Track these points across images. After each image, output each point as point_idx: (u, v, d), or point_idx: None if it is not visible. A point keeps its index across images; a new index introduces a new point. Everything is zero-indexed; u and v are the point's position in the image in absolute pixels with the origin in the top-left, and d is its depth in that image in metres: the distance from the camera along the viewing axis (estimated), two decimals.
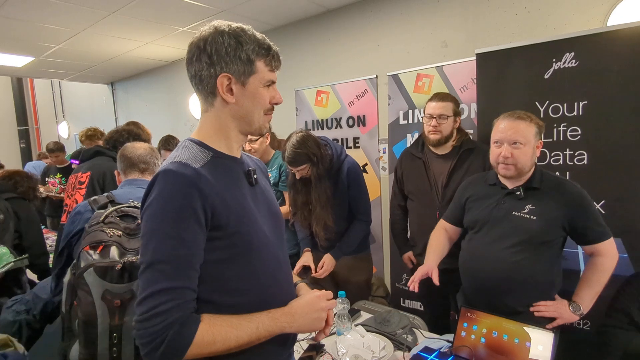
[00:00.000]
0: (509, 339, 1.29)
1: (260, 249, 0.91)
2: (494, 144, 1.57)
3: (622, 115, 1.77)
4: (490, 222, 1.58)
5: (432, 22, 3.09)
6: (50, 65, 5.21)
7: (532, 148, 1.51)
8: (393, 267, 2.80)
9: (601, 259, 1.48)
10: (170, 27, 3.91)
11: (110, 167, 2.31)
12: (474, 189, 1.70)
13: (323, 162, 1.99)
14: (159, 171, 0.83)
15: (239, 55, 0.87)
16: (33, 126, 8.35)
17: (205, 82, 0.88)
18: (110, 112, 6.82)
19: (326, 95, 3.11)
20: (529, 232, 1.48)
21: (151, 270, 0.78)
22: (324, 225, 2.04)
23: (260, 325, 0.86)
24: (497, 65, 2.10)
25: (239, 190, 0.91)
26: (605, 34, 1.81)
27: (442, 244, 1.77)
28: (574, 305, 1.48)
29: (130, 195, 1.40)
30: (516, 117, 1.54)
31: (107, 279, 1.10)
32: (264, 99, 0.92)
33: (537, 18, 2.60)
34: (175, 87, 5.51)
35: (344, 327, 1.55)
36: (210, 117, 0.92)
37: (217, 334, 0.81)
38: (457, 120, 2.03)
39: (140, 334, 0.77)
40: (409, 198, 2.21)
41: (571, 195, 1.48)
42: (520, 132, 1.50)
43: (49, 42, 4.22)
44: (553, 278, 1.53)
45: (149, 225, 0.80)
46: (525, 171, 1.53)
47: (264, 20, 3.86)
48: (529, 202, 1.51)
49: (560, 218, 1.47)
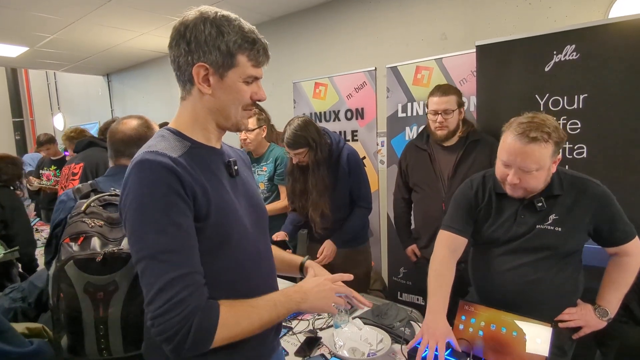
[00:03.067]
0: (507, 332, 1.28)
1: (241, 242, 0.89)
2: (501, 161, 1.33)
3: (622, 108, 1.76)
4: (512, 239, 1.40)
5: (431, 14, 3.06)
6: (45, 55, 5.14)
7: (547, 169, 1.30)
8: (390, 260, 2.80)
9: (627, 258, 1.37)
10: (166, 17, 3.85)
11: (104, 158, 2.29)
12: (481, 197, 1.47)
13: (322, 149, 1.99)
14: (133, 162, 0.79)
15: (218, 46, 0.82)
16: (28, 118, 8.25)
17: (183, 69, 0.85)
18: (106, 103, 6.76)
19: (324, 88, 3.08)
20: (554, 246, 1.35)
21: (155, 263, 0.75)
22: (321, 213, 2.03)
23: (278, 303, 0.86)
24: (497, 57, 2.07)
25: (218, 181, 0.88)
26: (607, 27, 1.79)
27: (448, 281, 1.40)
28: (600, 310, 1.36)
29: (114, 183, 1.33)
30: (530, 140, 1.23)
31: (88, 271, 1.07)
32: (243, 94, 0.87)
33: (538, 10, 2.58)
34: (171, 78, 5.32)
35: (342, 319, 1.54)
36: (187, 105, 0.89)
37: (240, 315, 0.80)
38: (461, 111, 2.01)
39: (160, 329, 0.73)
40: (413, 190, 2.20)
41: (596, 198, 1.34)
42: (533, 159, 1.26)
43: (44, 31, 4.15)
44: (577, 286, 1.42)
45: (138, 220, 0.76)
46: (537, 191, 1.36)
47: (262, 11, 3.82)
48: (552, 212, 1.35)
49: (586, 225, 1.34)
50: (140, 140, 1.33)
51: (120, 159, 1.43)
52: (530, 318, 1.28)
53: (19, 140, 7.95)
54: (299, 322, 1.66)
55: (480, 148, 1.97)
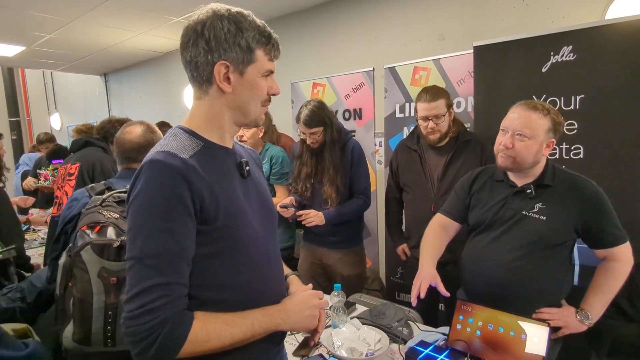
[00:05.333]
0: (504, 331, 1.29)
1: (249, 245, 0.88)
2: (501, 131, 1.45)
3: (618, 109, 1.77)
4: (497, 222, 1.46)
5: (429, 14, 3.07)
6: (42, 55, 5.12)
7: (540, 144, 1.37)
8: (388, 260, 2.80)
9: (615, 264, 1.38)
10: (164, 17, 3.84)
11: (100, 158, 2.27)
12: (479, 184, 1.57)
13: (335, 130, 2.11)
14: (144, 161, 0.80)
15: (239, 43, 0.83)
16: (25, 117, 8.22)
17: (202, 69, 0.84)
18: (104, 103, 6.73)
19: (322, 88, 3.08)
20: (537, 234, 1.37)
21: (140, 266, 0.75)
22: (336, 188, 2.08)
23: (255, 322, 0.84)
24: (494, 58, 2.08)
25: (229, 182, 0.88)
26: (604, 28, 1.80)
27: (438, 245, 1.59)
28: (582, 314, 1.37)
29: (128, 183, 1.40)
30: (531, 107, 1.38)
31: (104, 256, 1.12)
32: (262, 89, 0.89)
33: (535, 11, 2.59)
34: (169, 78, 5.44)
35: (340, 319, 1.54)
36: (203, 105, 0.88)
37: (212, 332, 0.79)
38: (451, 112, 2.01)
39: (130, 332, 0.74)
40: (404, 190, 2.21)
41: (586, 194, 1.36)
42: (528, 123, 1.36)
43: (41, 31, 4.13)
44: (560, 283, 1.43)
45: (136, 219, 0.77)
46: (525, 166, 1.41)
47: (260, 11, 3.81)
48: (539, 201, 1.40)
49: (572, 219, 1.36)
50: (149, 146, 1.41)
51: (132, 164, 1.51)
52: (527, 318, 1.29)
53: (16, 140, 7.92)
54: None
55: (471, 148, 1.97)
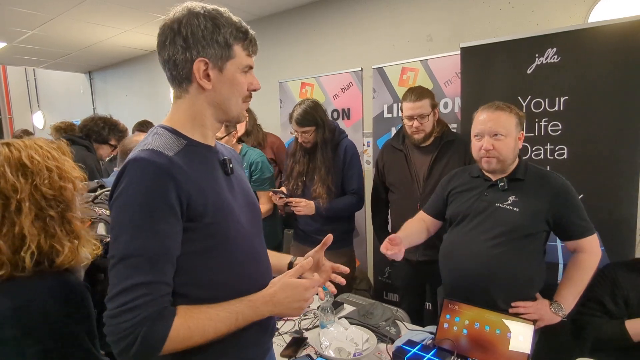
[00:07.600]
0: (490, 330, 1.30)
1: (237, 241, 0.88)
2: (475, 137, 1.53)
3: (602, 110, 1.80)
4: (472, 214, 1.54)
5: (417, 15, 3.09)
6: (24, 51, 5.00)
7: (514, 139, 1.49)
8: (376, 260, 2.81)
9: (584, 255, 1.46)
10: (150, 14, 3.79)
11: (83, 157, 2.23)
12: (457, 182, 1.67)
13: (328, 130, 2.11)
14: (128, 159, 0.78)
15: (217, 39, 0.83)
16: (6, 116, 8.02)
17: (181, 66, 0.84)
18: (88, 101, 6.61)
19: (311, 88, 3.07)
20: (510, 224, 1.45)
21: (123, 265, 0.74)
22: (327, 188, 2.08)
23: (240, 316, 0.83)
24: (481, 59, 2.10)
25: (214, 179, 0.88)
26: (587, 31, 1.84)
27: (415, 229, 1.70)
28: (555, 305, 1.43)
29: None
30: (495, 108, 1.50)
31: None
32: (242, 85, 0.89)
33: (520, 13, 2.63)
34: (156, 76, 5.37)
35: (327, 320, 1.54)
36: (184, 103, 0.88)
37: (194, 328, 0.78)
38: (435, 112, 2.03)
39: (110, 331, 0.73)
40: (390, 190, 2.21)
41: (556, 187, 1.45)
42: (500, 123, 1.47)
43: (22, 27, 4.03)
44: (533, 275, 1.49)
45: (119, 217, 0.76)
46: (508, 163, 1.51)
47: (248, 10, 3.79)
48: (512, 194, 1.48)
49: (543, 211, 1.44)
50: None
51: None
52: (512, 316, 1.31)
53: None
54: (284, 322, 1.65)
55: (455, 148, 2.00)
